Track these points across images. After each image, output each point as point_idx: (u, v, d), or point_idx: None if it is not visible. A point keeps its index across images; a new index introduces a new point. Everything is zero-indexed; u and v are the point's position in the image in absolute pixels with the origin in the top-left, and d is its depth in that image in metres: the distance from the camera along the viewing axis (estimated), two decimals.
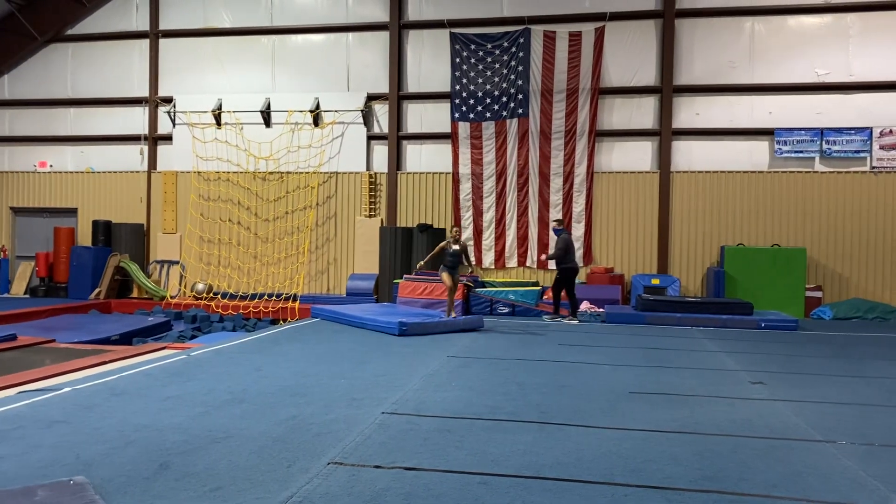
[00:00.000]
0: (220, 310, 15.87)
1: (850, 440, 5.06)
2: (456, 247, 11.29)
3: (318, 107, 17.00)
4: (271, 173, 17.25)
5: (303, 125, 17.11)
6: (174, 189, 17.79)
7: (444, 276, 11.35)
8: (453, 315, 11.22)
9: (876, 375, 7.77)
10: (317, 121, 17.05)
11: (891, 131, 14.70)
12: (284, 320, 15.25)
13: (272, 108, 17.22)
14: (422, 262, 11.57)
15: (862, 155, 14.86)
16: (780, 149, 15.15)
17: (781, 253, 14.45)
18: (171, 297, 16.67)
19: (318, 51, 17.32)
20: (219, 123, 17.46)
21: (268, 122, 17.29)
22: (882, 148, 14.74)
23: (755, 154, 15.41)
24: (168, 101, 17.85)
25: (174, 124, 17.78)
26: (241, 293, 16.85)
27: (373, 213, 16.90)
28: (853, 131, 14.85)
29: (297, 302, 16.02)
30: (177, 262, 17.57)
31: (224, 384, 6.60)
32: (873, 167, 14.84)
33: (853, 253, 14.94)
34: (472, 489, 3.93)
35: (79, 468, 4.10)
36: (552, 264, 13.08)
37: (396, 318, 10.57)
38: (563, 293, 12.69)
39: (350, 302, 14.81)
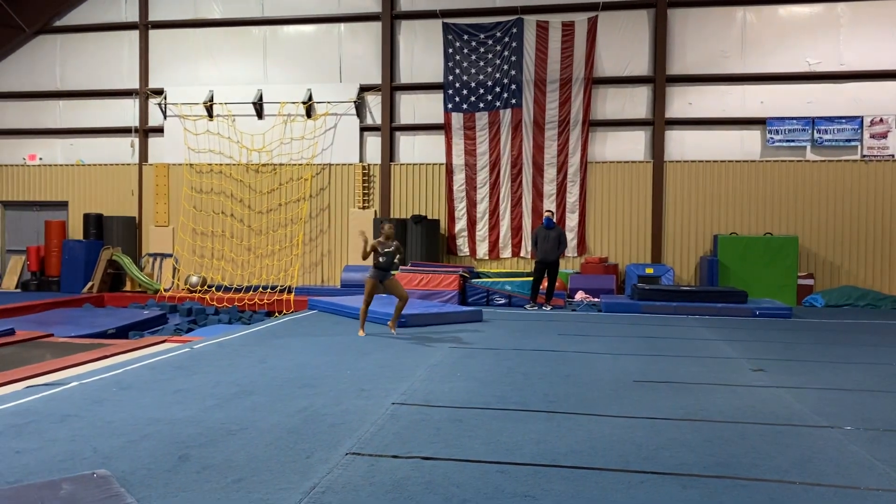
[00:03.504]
0: (214, 302, 15.82)
1: (855, 426, 5.15)
2: (391, 246, 9.38)
3: (310, 98, 16.93)
4: (264, 165, 17.19)
5: (295, 117, 17.05)
6: (166, 181, 17.68)
7: (369, 283, 9.38)
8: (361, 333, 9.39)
9: (872, 361, 7.90)
10: (309, 112, 16.99)
11: (881, 120, 14.84)
12: (280, 312, 15.24)
13: (264, 100, 17.13)
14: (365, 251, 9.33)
15: (853, 143, 15.01)
16: (771, 138, 15.27)
17: (773, 241, 14.59)
18: (165, 291, 16.60)
19: (309, 42, 17.24)
20: (210, 115, 17.36)
21: (260, 114, 17.20)
22: (872, 137, 14.88)
23: (747, 143, 15.52)
24: (159, 92, 17.71)
25: (165, 116, 17.66)
26: (235, 285, 16.80)
27: (366, 204, 16.88)
28: (844, 120, 14.98)
29: (292, 294, 16.00)
30: (170, 255, 17.49)
31: (230, 377, 6.62)
32: (864, 156, 14.99)
33: (844, 241, 15.11)
34: (490, 477, 3.98)
35: (98, 462, 4.11)
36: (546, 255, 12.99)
37: None
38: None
39: (345, 293, 14.80)
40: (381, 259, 9.32)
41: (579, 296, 14.49)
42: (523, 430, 4.93)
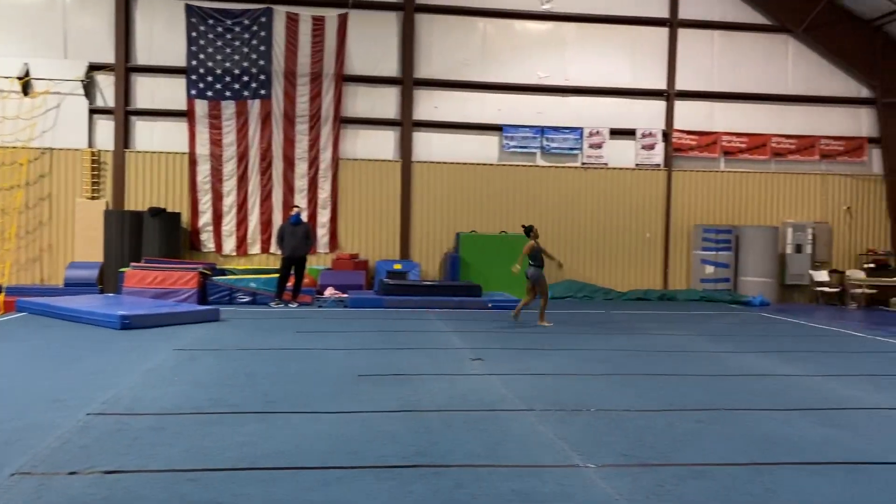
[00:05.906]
0: None
1: (547, 407, 5.65)
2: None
3: (27, 74, 15.00)
4: None
5: (8, 94, 14.99)
6: None
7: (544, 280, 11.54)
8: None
9: (575, 348, 8.79)
10: (26, 89, 15.06)
11: (598, 132, 16.63)
12: None
13: None
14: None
15: (574, 152, 16.65)
16: (507, 144, 16.44)
17: (508, 239, 15.70)
18: None
19: (27, 10, 15.24)
20: None
21: None
22: (591, 147, 16.63)
23: (487, 148, 16.53)
24: None
25: None
26: None
27: (96, 194, 15.36)
28: (568, 131, 16.57)
29: (2, 294, 14.05)
30: None
31: None
32: (583, 163, 16.70)
33: (567, 239, 16.70)
34: (179, 487, 3.75)
35: None
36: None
37: (119, 310, 9.75)
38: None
39: (69, 293, 13.36)
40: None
41: (328, 292, 14.44)
42: (231, 434, 4.73)
